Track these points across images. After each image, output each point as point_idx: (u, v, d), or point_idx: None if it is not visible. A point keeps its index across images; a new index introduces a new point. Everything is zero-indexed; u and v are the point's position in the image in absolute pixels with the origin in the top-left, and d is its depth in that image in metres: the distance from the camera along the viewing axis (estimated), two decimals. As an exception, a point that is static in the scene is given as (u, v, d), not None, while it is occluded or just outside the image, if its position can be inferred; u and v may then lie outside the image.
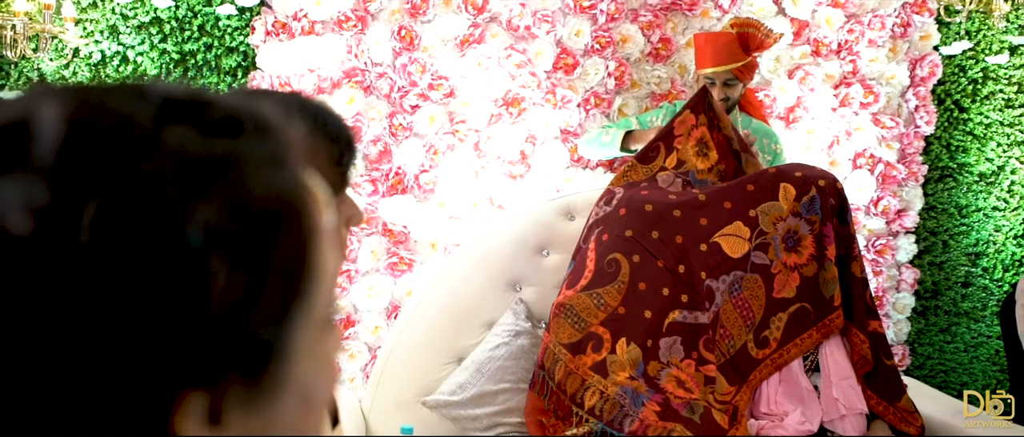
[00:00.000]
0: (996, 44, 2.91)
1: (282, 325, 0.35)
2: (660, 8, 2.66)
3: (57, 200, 0.29)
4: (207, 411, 0.32)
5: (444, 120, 2.57)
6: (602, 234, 1.91)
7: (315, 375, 0.38)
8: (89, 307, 0.29)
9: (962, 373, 3.01)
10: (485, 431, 1.98)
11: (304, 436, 0.40)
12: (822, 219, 1.86)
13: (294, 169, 0.37)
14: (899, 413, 1.88)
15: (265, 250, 0.33)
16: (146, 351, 0.30)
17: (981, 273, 3.00)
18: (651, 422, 1.75)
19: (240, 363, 0.33)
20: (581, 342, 1.84)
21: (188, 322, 0.30)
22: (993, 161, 2.96)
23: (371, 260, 2.54)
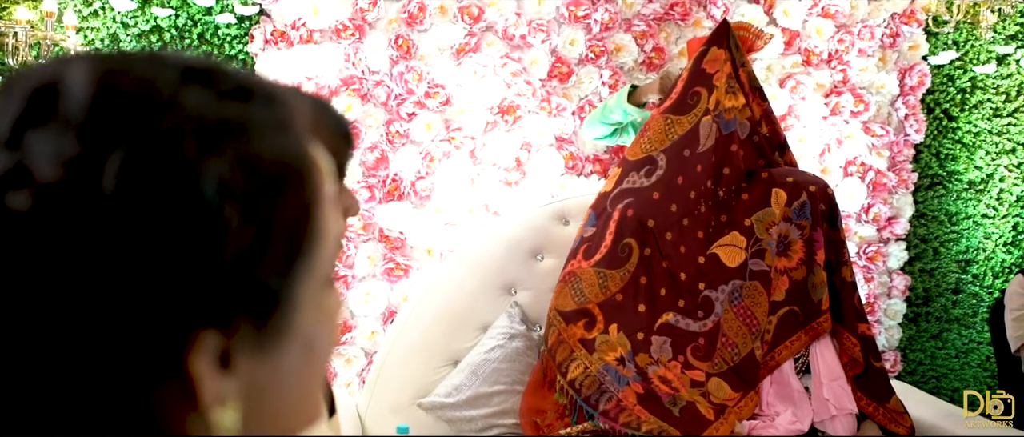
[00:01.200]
0: (983, 54, 2.95)
1: (287, 276, 0.37)
2: (653, 18, 2.71)
3: (85, 151, 0.32)
4: (218, 353, 0.35)
5: (440, 127, 2.60)
6: (628, 208, 1.90)
7: (318, 328, 0.41)
8: (112, 248, 0.32)
9: (953, 379, 3.04)
10: (480, 432, 2.00)
11: (306, 387, 0.43)
12: (812, 224, 1.90)
13: (299, 136, 0.40)
14: (889, 414, 1.90)
15: (272, 205, 0.36)
16: (163, 290, 0.32)
17: (971, 280, 3.03)
18: (628, 404, 1.76)
19: (249, 306, 0.35)
20: (575, 314, 1.85)
21: (202, 266, 0.33)
22: (982, 169, 3.00)
23: (368, 266, 2.57)
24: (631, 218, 1.88)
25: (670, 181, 1.91)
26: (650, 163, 1.94)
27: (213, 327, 0.34)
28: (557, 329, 1.85)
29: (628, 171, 1.96)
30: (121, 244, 0.32)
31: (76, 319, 0.32)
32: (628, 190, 1.93)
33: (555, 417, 1.83)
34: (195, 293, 0.33)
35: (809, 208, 1.90)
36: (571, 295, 1.86)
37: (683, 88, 1.96)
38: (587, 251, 1.90)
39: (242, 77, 0.38)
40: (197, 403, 0.35)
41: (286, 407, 0.41)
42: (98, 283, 0.31)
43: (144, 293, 0.32)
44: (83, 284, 0.31)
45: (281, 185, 0.37)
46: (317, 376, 0.44)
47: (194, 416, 0.36)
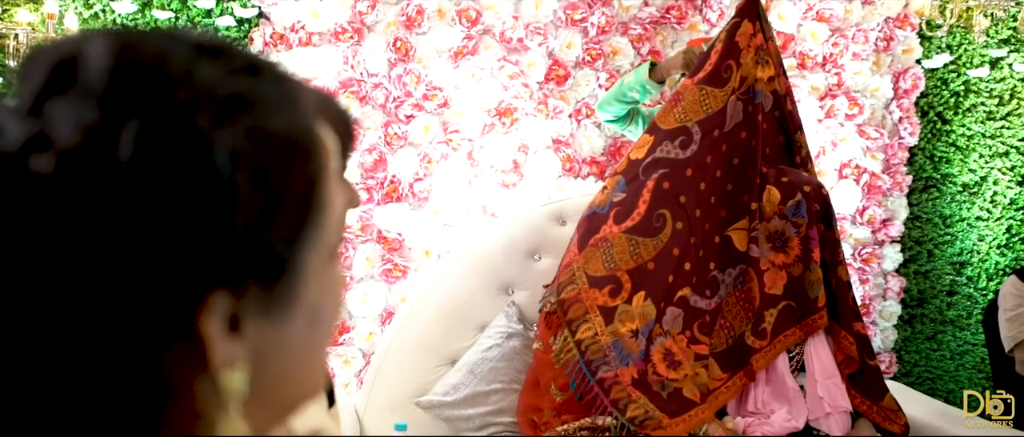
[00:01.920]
0: (977, 58, 2.98)
1: (294, 244, 0.39)
2: (649, 21, 2.73)
3: (103, 119, 0.34)
4: (228, 316, 0.37)
5: (438, 130, 2.62)
6: (664, 179, 1.88)
7: (322, 299, 0.43)
8: (127, 211, 0.33)
9: (948, 380, 3.05)
10: (477, 431, 2.01)
11: (310, 356, 0.44)
12: (808, 223, 1.92)
13: (306, 113, 0.41)
14: (883, 411, 1.92)
15: (280, 176, 0.38)
16: (176, 252, 0.34)
17: (965, 282, 3.05)
18: (623, 381, 1.78)
19: (258, 271, 0.37)
20: (603, 280, 1.85)
21: (213, 230, 0.35)
22: (976, 172, 3.02)
23: (366, 267, 2.58)
24: (667, 190, 1.87)
25: (702, 159, 1.90)
26: (685, 133, 1.91)
27: (224, 289, 0.36)
28: (577, 287, 1.85)
29: (661, 140, 1.93)
30: (136, 208, 0.33)
31: (92, 278, 0.33)
32: (662, 160, 1.91)
33: (552, 415, 1.84)
34: (207, 256, 0.35)
35: (804, 207, 1.91)
36: (602, 261, 1.86)
37: (717, 60, 1.93)
38: (618, 215, 1.89)
39: (252, 56, 0.40)
40: (206, 365, 0.37)
41: (290, 375, 0.43)
42: (114, 243, 0.33)
43: (158, 254, 0.34)
44: (99, 244, 0.33)
45: (289, 157, 0.38)
46: (321, 347, 0.45)
47: (203, 378, 0.37)
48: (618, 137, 2.73)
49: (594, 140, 2.70)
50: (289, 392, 0.44)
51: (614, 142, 2.74)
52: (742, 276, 1.90)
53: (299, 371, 0.43)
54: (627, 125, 2.32)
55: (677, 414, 1.78)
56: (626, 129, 2.33)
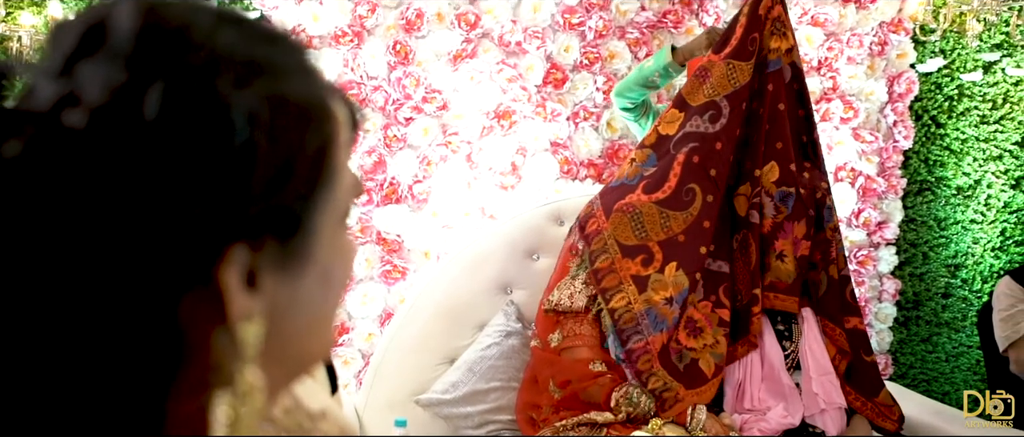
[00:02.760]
0: (970, 62, 3.01)
1: (308, 203, 0.41)
2: (646, 25, 2.76)
3: (130, 80, 0.36)
4: (246, 270, 0.39)
5: (437, 132, 2.64)
6: (694, 153, 1.89)
7: (334, 260, 0.45)
8: (152, 166, 0.35)
9: (944, 382, 3.07)
10: (476, 429, 2.02)
11: (321, 316, 0.46)
12: (788, 217, 1.93)
13: (320, 82, 0.44)
14: (877, 408, 1.94)
15: (295, 138, 0.40)
16: (198, 205, 0.36)
17: (960, 284, 3.08)
18: (652, 351, 1.80)
19: (274, 226, 0.39)
20: (634, 249, 1.86)
21: (233, 185, 0.37)
22: (970, 175, 3.05)
23: (365, 268, 2.60)
24: (697, 164, 1.89)
25: (732, 132, 1.91)
26: (714, 108, 1.92)
27: (243, 242, 0.38)
28: (611, 257, 1.87)
29: (691, 115, 1.94)
30: (160, 162, 0.35)
31: (117, 227, 0.35)
32: (692, 134, 1.92)
33: (550, 412, 1.85)
34: (226, 209, 0.37)
35: (792, 201, 1.93)
36: (631, 228, 1.87)
37: (743, 33, 1.94)
38: (647, 187, 1.91)
39: (269, 27, 0.43)
40: (224, 318, 0.39)
41: (303, 332, 0.45)
42: (140, 195, 0.35)
43: (180, 206, 0.36)
44: (126, 195, 0.35)
45: (303, 120, 0.41)
46: (332, 308, 0.47)
47: (219, 331, 0.39)
48: (615, 140, 2.76)
49: (592, 143, 2.73)
50: (301, 350, 0.46)
51: (611, 145, 2.76)
52: (744, 242, 1.92)
53: (311, 329, 0.45)
54: (640, 117, 2.28)
55: (692, 386, 1.81)
56: (638, 121, 2.30)
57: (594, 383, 1.80)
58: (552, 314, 1.92)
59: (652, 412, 1.77)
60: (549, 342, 1.90)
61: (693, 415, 1.76)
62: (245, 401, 0.40)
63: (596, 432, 1.78)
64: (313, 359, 0.49)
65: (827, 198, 2.02)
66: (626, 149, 2.76)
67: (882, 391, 1.96)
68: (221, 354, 0.40)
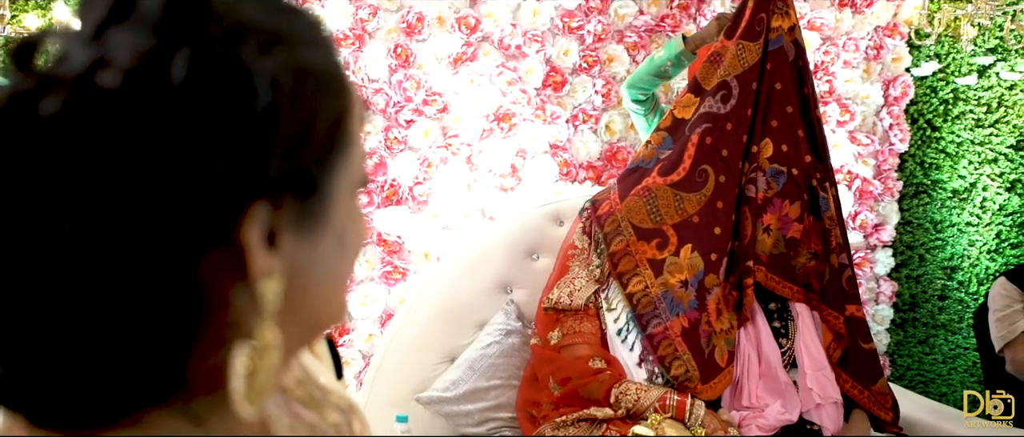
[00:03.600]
0: (965, 66, 3.05)
1: (325, 167, 0.43)
2: (645, 29, 2.79)
3: (158, 45, 0.38)
4: (267, 229, 0.41)
5: (438, 134, 2.66)
6: (707, 134, 1.91)
7: (348, 225, 0.47)
8: (178, 126, 0.37)
9: (941, 384, 3.09)
10: (477, 426, 2.04)
11: (336, 280, 0.48)
12: (779, 193, 1.94)
13: (336, 54, 0.46)
14: (874, 397, 1.95)
15: (313, 104, 0.42)
16: (221, 163, 0.38)
17: (957, 286, 3.10)
18: (672, 336, 1.82)
19: (294, 185, 0.41)
20: (650, 232, 1.88)
21: (254, 147, 0.39)
22: (965, 178, 3.08)
23: (366, 269, 2.62)
24: (709, 145, 1.90)
25: (741, 112, 1.92)
26: (725, 88, 1.93)
27: (264, 199, 0.40)
28: (625, 239, 1.89)
29: (705, 98, 1.95)
30: (187, 123, 0.37)
31: (144, 184, 0.37)
32: (705, 115, 1.93)
33: (550, 409, 1.87)
34: (249, 169, 0.39)
35: (783, 181, 1.95)
36: (647, 211, 1.89)
37: (751, 15, 1.95)
38: (663, 169, 1.92)
39: (288, 2, 0.45)
40: (244, 275, 0.41)
41: (318, 294, 0.47)
42: (166, 153, 0.37)
43: (205, 164, 0.38)
44: (153, 154, 0.37)
45: (321, 88, 0.43)
46: (345, 274, 0.49)
47: (239, 288, 0.41)
48: (614, 143, 2.79)
49: (591, 145, 2.75)
50: (316, 312, 0.48)
51: (610, 147, 2.79)
52: (742, 217, 1.94)
53: (326, 291, 0.47)
54: (649, 112, 2.27)
55: (707, 380, 1.83)
56: (647, 116, 2.28)
57: (594, 380, 1.82)
58: (552, 312, 1.94)
59: (652, 408, 1.78)
60: (549, 340, 1.92)
61: (692, 411, 1.77)
62: (263, 356, 0.42)
63: (596, 428, 1.79)
64: (326, 323, 0.50)
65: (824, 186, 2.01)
66: (625, 151, 2.78)
67: (879, 380, 1.97)
68: (240, 311, 0.42)
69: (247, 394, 0.41)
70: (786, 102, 1.96)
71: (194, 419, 0.42)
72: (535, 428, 1.90)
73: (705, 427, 1.76)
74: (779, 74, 1.95)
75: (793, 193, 1.94)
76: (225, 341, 0.42)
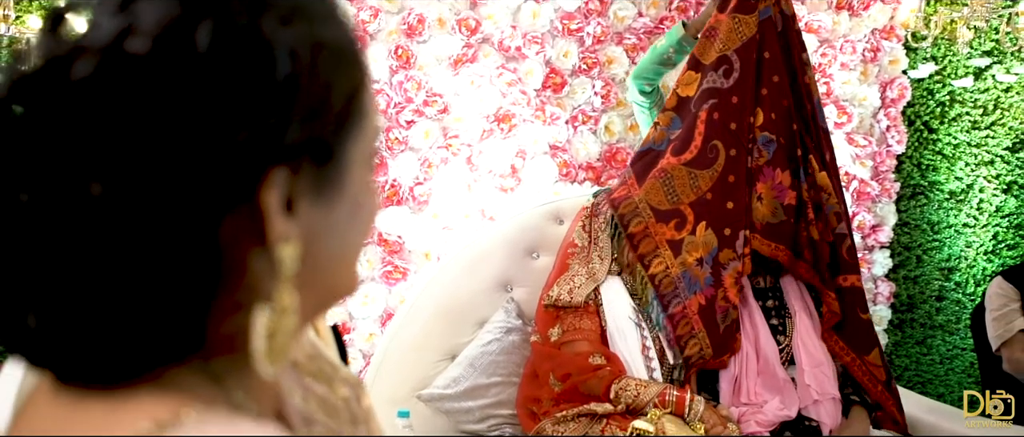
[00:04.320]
0: (961, 69, 3.07)
1: (341, 136, 0.45)
2: (644, 31, 2.81)
3: (183, 15, 0.39)
4: (285, 195, 0.42)
5: (438, 135, 2.68)
6: (714, 110, 1.94)
7: (362, 196, 0.48)
8: (203, 92, 0.39)
9: (938, 384, 3.10)
10: (477, 423, 2.05)
11: (349, 250, 0.50)
12: (769, 162, 1.96)
13: (353, 31, 0.47)
14: (866, 367, 1.96)
15: (331, 75, 0.44)
16: (243, 128, 0.40)
17: (954, 287, 3.12)
18: (690, 314, 1.86)
19: (311, 151, 0.43)
20: (668, 213, 1.91)
21: (274, 113, 0.40)
22: (962, 180, 3.10)
23: (367, 269, 2.63)
24: (717, 121, 1.93)
25: (745, 84, 1.95)
26: (726, 63, 1.96)
27: (284, 164, 0.41)
28: (644, 220, 1.92)
29: (706, 73, 1.98)
30: (211, 89, 0.39)
31: (169, 147, 0.38)
32: (710, 90, 1.96)
33: (551, 405, 1.88)
34: (269, 135, 0.40)
35: (773, 148, 1.97)
36: (664, 192, 1.92)
37: None
38: (675, 149, 1.95)
39: None
40: (263, 239, 0.42)
41: (332, 263, 0.48)
42: (192, 117, 0.39)
43: (228, 129, 0.39)
44: (180, 117, 0.38)
45: (338, 61, 0.44)
46: (358, 245, 0.51)
47: (257, 252, 0.42)
48: (613, 143, 2.80)
49: (590, 146, 2.77)
50: (329, 280, 0.49)
51: (609, 148, 2.81)
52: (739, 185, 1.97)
53: (339, 260, 0.49)
54: (654, 104, 2.27)
55: (719, 355, 1.88)
56: (651, 109, 2.28)
57: (594, 376, 1.83)
58: (552, 309, 1.95)
59: (651, 403, 1.80)
60: (549, 337, 1.93)
61: (691, 406, 1.79)
62: (281, 318, 0.43)
63: (596, 423, 1.81)
64: (339, 292, 0.52)
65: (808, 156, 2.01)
66: (624, 152, 2.80)
67: (874, 351, 1.97)
68: (258, 275, 0.43)
69: (267, 353, 0.42)
70: (774, 71, 1.99)
71: (213, 378, 0.43)
72: (535, 424, 1.92)
73: (704, 422, 1.77)
74: (768, 43, 1.98)
75: (783, 162, 1.97)
76: (243, 305, 0.43)
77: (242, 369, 0.45)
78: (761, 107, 1.97)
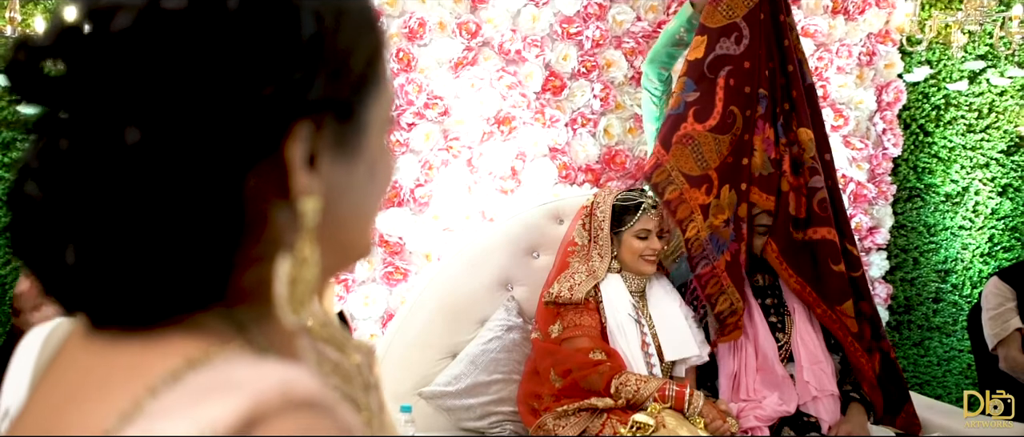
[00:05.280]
0: (956, 72, 3.10)
1: (360, 97, 0.47)
2: (642, 35, 2.84)
3: None
4: (308, 151, 0.44)
5: (439, 137, 2.70)
6: (730, 76, 2.02)
7: (378, 158, 0.51)
8: (234, 48, 0.41)
9: (936, 386, 3.12)
10: (478, 420, 2.06)
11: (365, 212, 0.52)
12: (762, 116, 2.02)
13: (371, 3, 0.50)
14: (836, 315, 1.99)
15: (352, 39, 0.46)
16: (270, 84, 0.42)
17: (951, 289, 3.14)
18: (718, 272, 1.94)
19: (334, 107, 0.45)
20: (699, 179, 1.98)
21: (300, 71, 0.43)
22: (958, 182, 3.13)
23: (367, 270, 2.65)
24: (733, 87, 2.01)
25: (755, 50, 2.02)
26: (735, 30, 2.03)
27: (308, 118, 0.43)
28: (678, 187, 1.98)
29: (716, 37, 2.04)
30: (241, 45, 0.41)
31: (201, 97, 0.41)
32: (723, 57, 2.03)
33: (551, 400, 1.90)
34: (294, 90, 0.43)
35: (765, 103, 2.02)
36: (693, 158, 1.99)
37: None
38: (697, 114, 2.01)
39: None
40: (285, 193, 0.44)
41: (349, 222, 0.50)
42: (223, 71, 0.41)
43: (256, 83, 0.41)
44: (212, 70, 0.41)
45: (359, 26, 0.47)
46: (374, 207, 0.53)
47: (280, 206, 0.44)
48: (612, 146, 2.83)
49: (589, 148, 2.80)
50: (346, 240, 0.51)
51: (608, 151, 2.83)
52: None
53: (356, 220, 0.51)
54: (665, 92, 2.31)
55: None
56: (661, 102, 2.32)
57: (594, 371, 1.85)
58: (552, 306, 1.97)
59: (651, 398, 1.81)
60: (550, 333, 1.95)
61: (690, 401, 1.81)
62: (302, 268, 0.45)
63: (596, 417, 1.82)
64: (354, 254, 0.54)
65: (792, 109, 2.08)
66: (623, 155, 2.83)
67: (846, 302, 2.00)
68: (281, 228, 0.45)
69: (290, 300, 0.44)
70: (767, 32, 2.06)
71: (237, 325, 0.45)
72: (536, 420, 1.93)
73: (704, 416, 1.79)
74: (763, 6, 2.06)
75: (770, 117, 2.03)
76: (265, 258, 0.45)
77: (265, 320, 0.47)
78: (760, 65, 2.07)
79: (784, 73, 2.09)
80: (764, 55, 2.04)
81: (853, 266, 2.05)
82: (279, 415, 0.38)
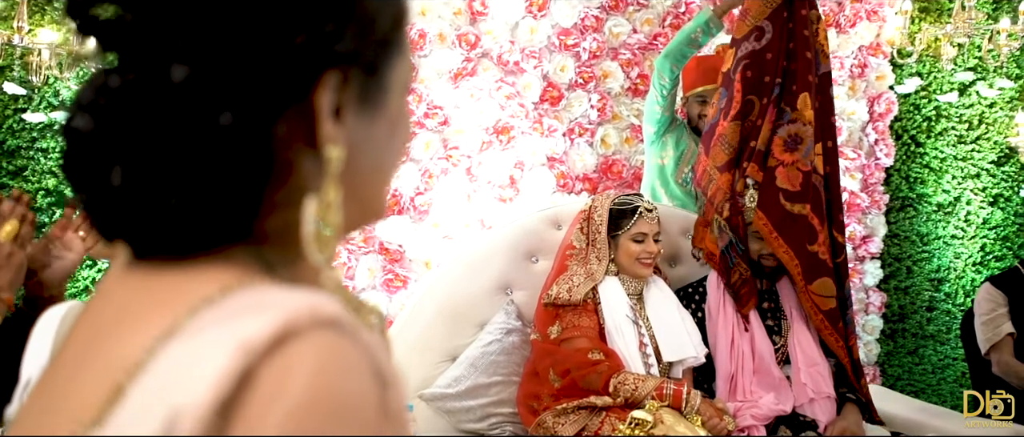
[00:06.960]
0: (946, 84, 3.16)
1: (385, 55, 0.51)
2: (638, 47, 2.90)
3: None
4: (335, 100, 0.48)
5: (438, 146, 2.74)
6: (747, 69, 2.12)
7: (398, 119, 0.54)
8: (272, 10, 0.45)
9: (931, 393, 3.14)
10: (478, 422, 2.08)
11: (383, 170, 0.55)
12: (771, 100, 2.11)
13: None
14: (808, 295, 2.02)
15: (381, 2, 0.50)
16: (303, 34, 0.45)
17: (944, 298, 3.17)
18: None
19: (361, 61, 0.48)
20: (726, 165, 2.12)
21: (332, 22, 0.46)
22: (949, 193, 3.17)
23: (368, 277, 2.67)
24: (751, 78, 2.10)
25: (779, 43, 2.10)
26: (758, 31, 2.13)
27: (336, 69, 0.47)
28: (715, 182, 2.13)
29: (740, 43, 2.15)
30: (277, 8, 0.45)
31: (237, 41, 0.44)
32: (744, 55, 2.13)
33: (551, 400, 1.92)
34: (325, 40, 0.46)
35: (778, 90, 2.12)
36: (723, 151, 2.12)
37: None
38: (724, 113, 2.15)
39: None
40: (312, 141, 0.48)
41: (368, 177, 0.53)
42: (257, 18, 0.44)
43: (290, 33, 0.45)
44: (247, 16, 0.44)
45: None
46: (392, 165, 0.56)
47: (306, 154, 0.48)
48: (609, 155, 2.87)
49: (587, 158, 2.84)
50: (365, 195, 0.54)
51: (605, 160, 2.87)
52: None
53: (375, 176, 0.54)
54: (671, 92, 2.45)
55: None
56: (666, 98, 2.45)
57: (593, 371, 1.87)
58: (551, 307, 2.00)
59: (649, 396, 1.84)
60: (549, 334, 1.98)
61: (688, 399, 1.83)
62: (327, 212, 0.49)
63: (595, 415, 1.84)
64: (370, 213, 0.57)
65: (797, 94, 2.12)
66: (619, 164, 2.87)
67: (817, 281, 2.02)
68: (306, 175, 0.49)
69: (317, 239, 0.47)
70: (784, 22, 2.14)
71: (265, 263, 0.48)
72: (536, 420, 1.95)
73: (701, 414, 1.81)
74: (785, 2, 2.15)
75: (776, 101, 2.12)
76: (291, 203, 0.48)
77: (292, 262, 0.50)
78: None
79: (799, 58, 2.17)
80: (784, 47, 2.14)
81: (836, 252, 2.10)
82: (309, 331, 0.41)
